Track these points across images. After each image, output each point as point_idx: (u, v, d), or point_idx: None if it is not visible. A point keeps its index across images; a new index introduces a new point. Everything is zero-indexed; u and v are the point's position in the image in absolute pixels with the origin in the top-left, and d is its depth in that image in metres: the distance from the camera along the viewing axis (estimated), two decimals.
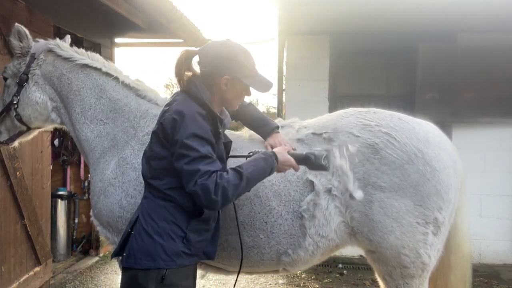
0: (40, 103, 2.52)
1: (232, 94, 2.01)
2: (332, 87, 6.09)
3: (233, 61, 1.93)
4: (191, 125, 1.83)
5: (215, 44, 1.99)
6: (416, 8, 4.69)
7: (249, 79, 1.97)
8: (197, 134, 1.83)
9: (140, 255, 1.88)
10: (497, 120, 5.59)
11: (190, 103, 1.93)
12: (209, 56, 1.95)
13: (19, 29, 2.46)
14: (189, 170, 1.79)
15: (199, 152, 1.81)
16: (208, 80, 1.96)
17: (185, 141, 1.81)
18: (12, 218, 3.77)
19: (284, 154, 2.01)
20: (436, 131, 2.42)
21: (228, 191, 1.79)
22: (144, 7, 4.99)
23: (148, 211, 1.94)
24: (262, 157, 1.95)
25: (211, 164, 1.82)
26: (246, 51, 2.00)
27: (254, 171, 1.88)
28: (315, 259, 2.40)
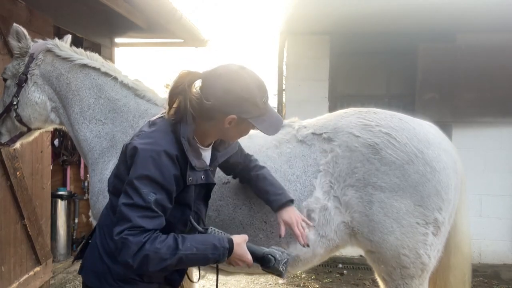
0: (39, 103, 2.52)
1: (233, 133, 1.77)
2: (332, 87, 6.09)
3: (244, 99, 1.64)
4: (150, 165, 1.57)
5: (227, 73, 1.66)
6: (416, 8, 4.69)
7: (258, 120, 1.69)
8: (151, 177, 1.57)
9: (90, 271, 1.80)
10: (497, 120, 5.59)
11: (165, 136, 1.65)
12: (217, 88, 1.63)
13: (17, 29, 2.46)
14: (123, 214, 1.55)
15: (144, 200, 1.55)
16: (208, 113, 1.67)
17: (135, 182, 1.56)
18: (12, 218, 3.77)
19: (241, 247, 1.72)
20: (436, 131, 2.42)
21: (149, 262, 1.53)
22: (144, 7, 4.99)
23: (103, 226, 1.81)
24: (213, 244, 1.64)
25: (150, 220, 1.56)
26: (261, 85, 1.69)
27: (193, 255, 1.60)
28: (315, 259, 2.40)
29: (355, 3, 4.64)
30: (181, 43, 6.88)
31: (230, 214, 2.26)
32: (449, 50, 5.57)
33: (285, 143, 2.40)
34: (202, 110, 1.67)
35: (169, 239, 1.57)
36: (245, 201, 2.26)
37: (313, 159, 2.32)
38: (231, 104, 1.64)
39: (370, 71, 6.19)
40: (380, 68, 6.18)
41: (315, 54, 5.99)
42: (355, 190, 2.24)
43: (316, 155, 2.33)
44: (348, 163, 2.27)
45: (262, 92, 1.69)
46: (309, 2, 4.67)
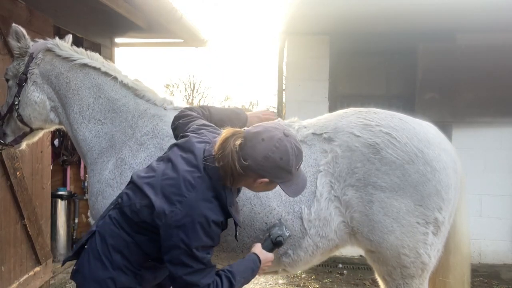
0: (39, 103, 2.52)
1: (259, 190, 1.88)
2: (332, 87, 6.09)
3: (281, 169, 1.72)
4: (203, 236, 1.70)
5: (269, 139, 1.71)
6: (416, 8, 4.69)
7: (286, 184, 1.79)
8: (205, 245, 1.72)
9: (89, 279, 1.81)
10: (497, 120, 5.59)
11: (209, 206, 1.73)
12: (257, 152, 1.70)
13: (16, 29, 2.46)
14: (189, 282, 1.71)
15: (203, 263, 1.72)
16: (242, 172, 1.73)
17: (194, 251, 1.69)
18: (12, 218, 3.77)
19: (263, 254, 2.00)
20: (436, 131, 2.42)
21: None
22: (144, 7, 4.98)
23: (106, 235, 1.84)
24: (252, 267, 1.93)
25: (210, 275, 1.76)
26: (299, 154, 1.78)
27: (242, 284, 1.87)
28: (315, 259, 2.40)
29: (355, 3, 4.64)
30: (181, 43, 6.88)
31: None
32: (449, 50, 5.57)
33: None
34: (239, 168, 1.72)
35: (225, 282, 1.80)
36: (245, 202, 2.26)
37: (313, 159, 2.32)
38: (267, 170, 1.73)
39: (370, 71, 6.19)
40: (380, 68, 6.18)
41: (315, 54, 5.99)
42: (356, 190, 2.24)
43: (316, 155, 2.33)
44: (349, 163, 2.27)
45: (298, 160, 1.78)
46: (309, 2, 4.67)
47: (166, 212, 1.70)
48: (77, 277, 1.86)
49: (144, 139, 2.40)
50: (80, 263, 1.87)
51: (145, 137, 2.41)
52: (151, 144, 2.39)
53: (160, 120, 2.46)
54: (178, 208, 1.70)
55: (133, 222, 1.82)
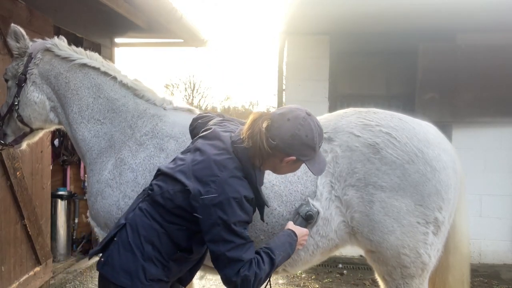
0: (38, 103, 2.51)
1: (287, 170, 1.95)
2: (332, 87, 6.09)
3: (307, 146, 1.82)
4: (239, 211, 1.77)
5: (294, 119, 1.81)
6: (416, 8, 4.69)
7: (311, 162, 1.87)
8: (242, 220, 1.79)
9: (119, 269, 1.84)
10: (497, 120, 5.59)
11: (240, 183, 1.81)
12: (284, 131, 1.79)
13: (15, 29, 2.46)
14: (232, 258, 1.76)
15: (243, 238, 1.78)
16: (270, 152, 1.82)
17: (232, 227, 1.75)
18: (12, 218, 3.77)
19: (297, 229, 2.05)
20: (435, 131, 2.43)
21: (262, 280, 1.84)
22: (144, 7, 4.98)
23: (138, 227, 1.88)
24: (289, 241, 1.97)
25: (251, 250, 1.82)
26: (321, 132, 1.88)
27: (282, 259, 1.92)
28: (315, 259, 2.40)
29: (355, 3, 4.64)
30: (181, 43, 6.87)
31: None
32: (449, 50, 5.57)
33: None
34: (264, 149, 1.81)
35: (265, 257, 1.85)
36: None
37: None
38: (294, 147, 1.81)
39: (370, 71, 6.19)
40: (380, 68, 6.18)
41: (315, 54, 5.99)
42: (356, 190, 2.24)
43: None
44: (349, 163, 2.27)
45: (320, 138, 1.87)
46: (309, 2, 4.67)
47: (202, 193, 1.77)
48: (106, 268, 1.87)
49: (143, 139, 2.40)
50: (109, 255, 1.89)
51: (144, 137, 2.41)
52: (151, 144, 2.39)
53: (160, 120, 2.46)
54: (212, 188, 1.77)
55: (165, 211, 1.87)
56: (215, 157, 1.85)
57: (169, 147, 2.37)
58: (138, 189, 2.29)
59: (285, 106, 1.93)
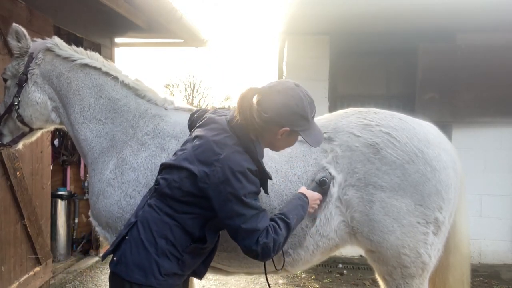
0: (40, 103, 2.51)
1: (283, 144, 1.99)
2: (332, 87, 6.10)
3: (298, 115, 1.87)
4: (246, 183, 1.81)
5: (284, 90, 1.88)
6: (416, 8, 4.69)
7: (306, 133, 1.92)
8: (251, 192, 1.83)
9: (133, 266, 1.84)
10: (497, 120, 5.60)
11: (242, 156, 1.85)
12: (275, 102, 1.85)
13: (16, 29, 2.43)
14: (248, 229, 1.81)
15: (255, 209, 1.83)
16: (265, 126, 1.87)
17: (243, 199, 1.79)
18: (12, 218, 3.77)
19: (309, 193, 2.12)
20: (436, 131, 2.43)
21: (281, 245, 1.89)
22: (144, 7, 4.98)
23: (149, 223, 1.89)
24: (301, 204, 2.04)
25: (264, 218, 1.86)
26: (312, 102, 1.93)
27: (296, 221, 1.99)
28: (315, 258, 2.40)
29: (355, 3, 4.64)
30: (181, 43, 6.87)
31: None
32: (449, 50, 5.58)
33: None
34: (259, 123, 1.87)
35: (281, 223, 1.91)
36: None
37: (313, 159, 2.32)
38: (287, 117, 1.86)
39: (370, 71, 6.20)
40: (380, 68, 6.18)
41: (315, 54, 5.99)
42: (356, 190, 2.24)
43: (316, 155, 2.33)
44: (349, 163, 2.27)
45: (312, 108, 1.93)
46: (309, 2, 4.67)
47: (208, 173, 1.81)
48: (120, 267, 1.87)
49: (145, 139, 2.40)
50: (122, 254, 1.89)
51: (146, 137, 2.41)
52: (152, 144, 2.39)
53: (161, 120, 2.46)
54: (217, 166, 1.81)
55: (175, 201, 1.89)
56: (213, 138, 1.90)
57: (171, 147, 2.37)
58: (139, 189, 2.29)
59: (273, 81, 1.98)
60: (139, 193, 2.28)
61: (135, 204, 2.27)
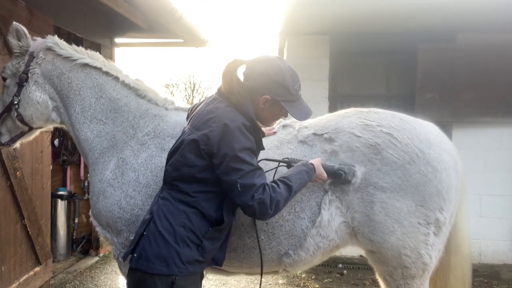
0: (41, 103, 2.50)
1: (268, 114, 2.02)
2: (332, 87, 6.09)
3: (278, 83, 1.92)
4: (242, 138, 1.84)
5: (265, 60, 1.97)
6: (416, 8, 4.69)
7: (289, 104, 1.96)
8: (247, 147, 1.85)
9: (153, 258, 1.85)
10: (497, 120, 5.59)
11: (235, 113, 1.91)
12: (256, 71, 1.95)
13: (17, 27, 2.42)
14: (245, 184, 1.82)
15: (252, 165, 1.85)
16: (246, 95, 1.95)
17: (239, 154, 1.81)
18: (12, 218, 3.77)
19: (319, 168, 2.11)
20: (437, 131, 2.42)
21: (280, 204, 1.88)
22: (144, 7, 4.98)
23: (165, 214, 1.91)
24: (305, 169, 2.03)
25: (262, 176, 1.88)
26: (294, 74, 1.98)
27: (299, 184, 1.98)
28: (316, 259, 2.40)
29: (355, 3, 4.64)
30: (181, 43, 6.87)
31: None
32: (449, 50, 5.57)
33: (286, 143, 2.40)
34: (243, 90, 1.94)
35: (281, 183, 1.92)
36: None
37: None
38: (266, 86, 1.93)
39: (370, 71, 6.20)
40: (380, 68, 6.18)
41: (315, 54, 5.99)
42: (356, 190, 2.24)
43: (317, 155, 2.32)
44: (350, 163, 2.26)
45: (294, 80, 1.97)
46: (309, 2, 4.67)
47: (207, 134, 1.85)
48: (141, 262, 1.88)
49: (145, 139, 2.40)
50: (141, 249, 1.90)
51: (146, 137, 2.41)
52: (153, 144, 2.39)
53: (162, 120, 2.46)
54: (214, 125, 1.86)
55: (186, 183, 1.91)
56: (206, 107, 1.98)
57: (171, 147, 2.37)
58: (139, 189, 2.29)
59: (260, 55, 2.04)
60: (139, 193, 2.28)
61: (135, 204, 2.27)
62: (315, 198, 2.27)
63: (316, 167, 2.09)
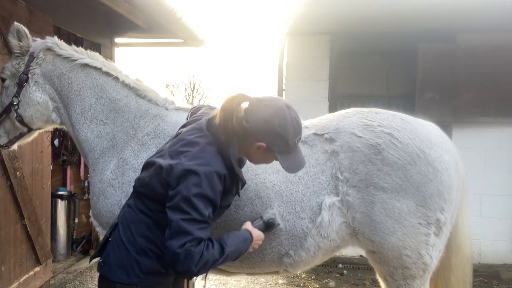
0: (42, 103, 2.49)
1: (258, 158, 1.94)
2: (332, 87, 6.09)
3: (278, 135, 1.81)
4: (205, 185, 1.74)
5: (272, 105, 1.83)
6: (416, 8, 4.69)
7: (283, 156, 1.87)
8: (206, 196, 1.75)
9: (115, 266, 1.87)
10: (497, 120, 5.60)
11: (214, 157, 1.80)
12: (259, 115, 1.81)
13: (18, 28, 2.41)
14: (183, 229, 1.70)
15: (201, 215, 1.73)
16: (242, 134, 1.83)
17: (192, 199, 1.71)
18: (12, 218, 3.77)
19: (255, 232, 2.02)
20: (438, 131, 2.42)
21: (207, 265, 1.75)
22: (144, 7, 4.98)
23: (129, 222, 1.91)
24: (244, 238, 1.95)
25: (204, 230, 1.76)
26: (298, 126, 1.87)
27: (234, 251, 1.87)
28: (316, 259, 2.39)
29: (355, 3, 4.64)
30: (181, 43, 6.87)
31: (232, 215, 2.25)
32: (449, 50, 5.58)
33: None
34: (239, 130, 1.83)
35: (216, 244, 1.80)
36: (247, 202, 2.26)
37: (314, 160, 2.32)
38: (265, 134, 1.82)
39: (370, 71, 6.19)
40: (380, 68, 6.18)
41: (315, 54, 5.99)
42: (357, 191, 2.24)
43: (317, 155, 2.32)
44: (350, 164, 2.26)
45: (296, 133, 1.86)
46: (309, 2, 4.67)
47: (172, 165, 1.78)
48: (104, 268, 1.90)
49: (145, 139, 2.40)
50: (106, 255, 1.92)
51: (146, 137, 2.41)
52: (153, 144, 2.38)
53: (162, 120, 2.46)
54: (182, 160, 1.78)
55: (150, 200, 1.88)
56: (188, 136, 1.89)
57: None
58: None
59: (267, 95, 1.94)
60: None
61: None
62: (316, 198, 2.27)
63: (252, 233, 2.00)
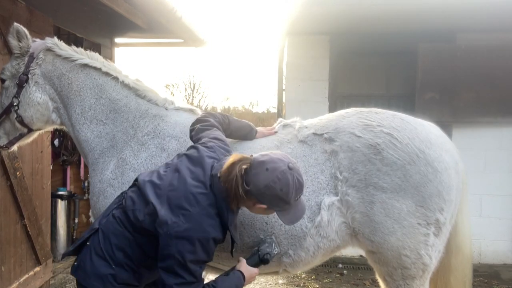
0: (42, 104, 2.49)
1: (258, 212, 1.95)
2: (332, 87, 6.09)
3: (280, 199, 1.82)
4: (200, 251, 1.77)
5: (274, 169, 1.81)
6: (416, 8, 4.69)
7: (283, 213, 1.89)
8: (201, 260, 1.80)
9: (91, 274, 1.89)
10: (497, 120, 5.60)
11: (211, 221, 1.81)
12: (261, 180, 1.80)
13: (18, 28, 2.41)
14: None
15: (195, 277, 1.79)
16: (244, 196, 1.84)
17: (188, 265, 1.76)
18: (12, 218, 3.77)
19: (248, 270, 2.04)
20: (438, 131, 2.41)
21: None
22: (144, 7, 4.98)
23: (109, 234, 1.92)
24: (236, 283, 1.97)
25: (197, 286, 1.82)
26: (300, 187, 1.86)
27: None
28: (316, 260, 2.39)
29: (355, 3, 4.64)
30: (181, 43, 6.87)
31: None
32: (449, 50, 5.57)
33: (286, 143, 2.39)
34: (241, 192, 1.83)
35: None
36: None
37: (314, 159, 2.32)
38: (267, 198, 1.83)
39: (370, 71, 6.19)
40: (380, 68, 6.18)
41: (315, 54, 5.99)
42: (357, 191, 2.24)
43: (317, 155, 2.32)
44: (349, 164, 2.26)
45: (297, 193, 1.86)
46: (309, 2, 4.67)
47: (169, 223, 1.77)
48: (79, 273, 1.93)
49: (145, 139, 2.40)
50: (82, 260, 1.94)
51: (146, 137, 2.41)
52: (152, 144, 2.39)
53: (162, 121, 2.46)
54: (181, 220, 1.77)
55: (135, 225, 1.90)
56: (191, 188, 1.85)
57: (171, 147, 2.37)
58: None
59: (270, 154, 1.90)
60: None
61: None
62: (315, 198, 2.27)
63: (245, 273, 2.02)
